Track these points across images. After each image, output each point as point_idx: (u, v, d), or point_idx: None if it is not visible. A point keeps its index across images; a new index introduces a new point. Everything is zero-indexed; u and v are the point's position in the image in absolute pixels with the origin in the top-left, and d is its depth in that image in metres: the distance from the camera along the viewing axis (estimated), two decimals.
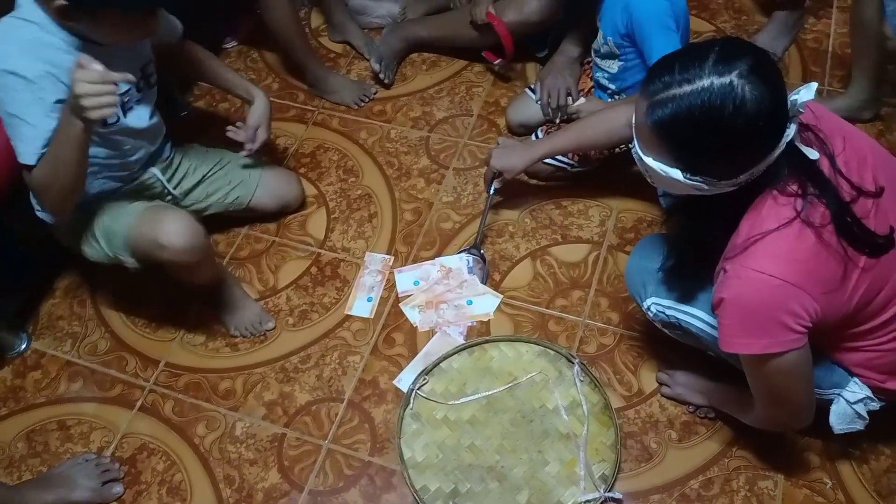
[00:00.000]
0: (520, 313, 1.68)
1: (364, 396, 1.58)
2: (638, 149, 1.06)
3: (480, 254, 1.75)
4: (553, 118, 1.88)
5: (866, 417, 1.24)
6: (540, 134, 1.87)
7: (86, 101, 1.18)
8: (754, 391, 1.20)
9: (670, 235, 1.38)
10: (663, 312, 1.33)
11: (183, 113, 2.12)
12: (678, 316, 1.31)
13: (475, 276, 1.72)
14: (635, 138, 1.07)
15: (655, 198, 1.59)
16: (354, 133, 2.08)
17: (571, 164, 1.81)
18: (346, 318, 1.70)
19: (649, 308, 1.35)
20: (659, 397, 1.54)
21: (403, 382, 1.57)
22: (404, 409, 1.52)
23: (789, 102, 0.97)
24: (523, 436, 1.48)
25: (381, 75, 2.13)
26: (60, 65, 1.29)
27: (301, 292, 1.76)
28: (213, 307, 1.70)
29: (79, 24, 1.31)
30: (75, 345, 1.71)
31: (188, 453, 1.53)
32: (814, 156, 1.03)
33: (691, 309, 1.29)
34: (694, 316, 1.29)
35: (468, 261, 1.74)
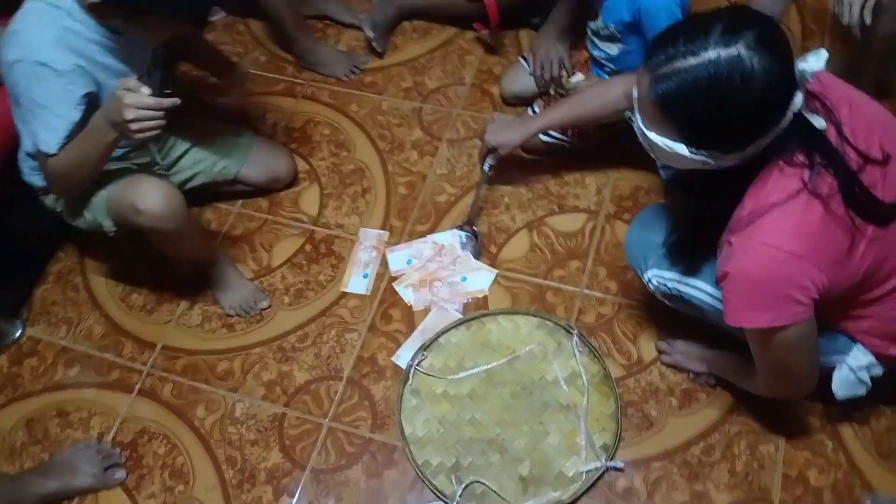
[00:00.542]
0: (517, 286, 1.71)
1: (363, 374, 1.62)
2: (640, 124, 1.06)
3: (473, 230, 1.77)
4: (547, 90, 1.89)
5: (869, 383, 1.27)
6: (536, 108, 1.88)
7: (134, 125, 1.26)
8: (758, 363, 1.23)
9: (672, 209, 1.40)
10: (665, 285, 1.35)
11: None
12: (680, 289, 1.33)
13: (468, 253, 1.75)
14: (638, 113, 1.06)
15: (654, 166, 1.61)
16: (345, 106, 2.09)
17: (570, 142, 1.83)
18: (343, 296, 1.73)
19: (650, 281, 1.37)
20: (659, 365, 1.57)
21: (402, 359, 1.61)
22: (404, 385, 1.56)
23: (797, 71, 0.97)
24: (523, 408, 1.52)
25: (375, 44, 2.13)
26: (90, 56, 1.37)
27: (296, 270, 1.79)
28: (208, 287, 1.74)
29: (113, 20, 1.35)
30: (70, 330, 1.74)
31: (189, 436, 1.57)
32: (821, 125, 1.03)
33: (695, 282, 1.31)
34: (697, 289, 1.31)
35: (461, 237, 1.76)
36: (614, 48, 1.74)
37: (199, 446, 1.56)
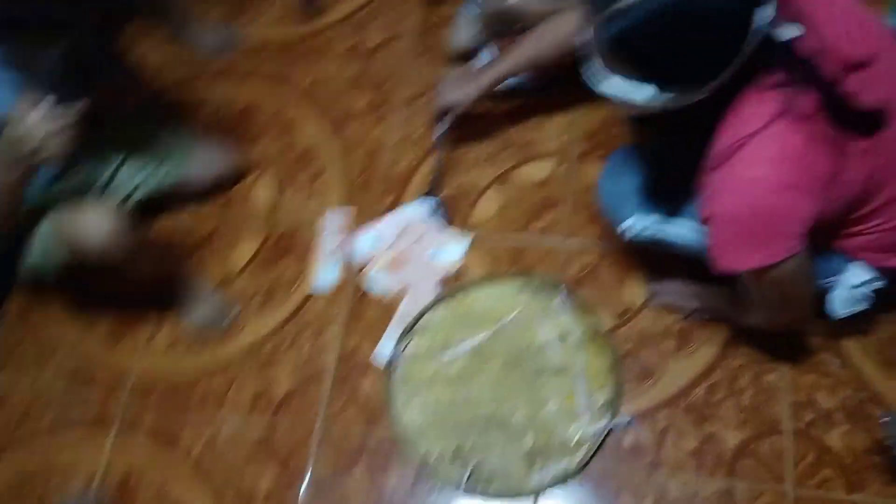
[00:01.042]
0: (494, 246, 1.68)
1: (349, 369, 1.61)
2: (597, 73, 1.00)
3: (437, 199, 1.73)
4: (497, 26, 1.80)
5: (872, 296, 1.25)
6: (486, 56, 1.80)
7: (41, 153, 1.16)
8: (754, 299, 1.20)
9: (643, 148, 1.35)
10: (644, 231, 1.32)
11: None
12: (663, 233, 1.30)
13: (438, 223, 1.71)
14: (592, 62, 1.00)
15: None
16: (284, 81, 2.01)
17: (526, 83, 1.76)
18: (314, 290, 1.70)
19: (626, 230, 1.34)
20: (650, 309, 1.56)
21: (385, 349, 1.59)
22: (391, 376, 1.55)
23: None
24: (518, 378, 1.51)
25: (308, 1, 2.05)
26: None
27: (261, 271, 1.75)
28: (172, 305, 1.70)
29: None
30: (40, 371, 1.72)
31: (178, 466, 1.57)
32: (795, 33, 0.97)
33: (678, 222, 1.28)
34: (681, 229, 1.28)
35: (426, 207, 1.72)
36: None
37: (191, 476, 1.56)
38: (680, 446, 1.43)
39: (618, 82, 0.99)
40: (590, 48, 1.00)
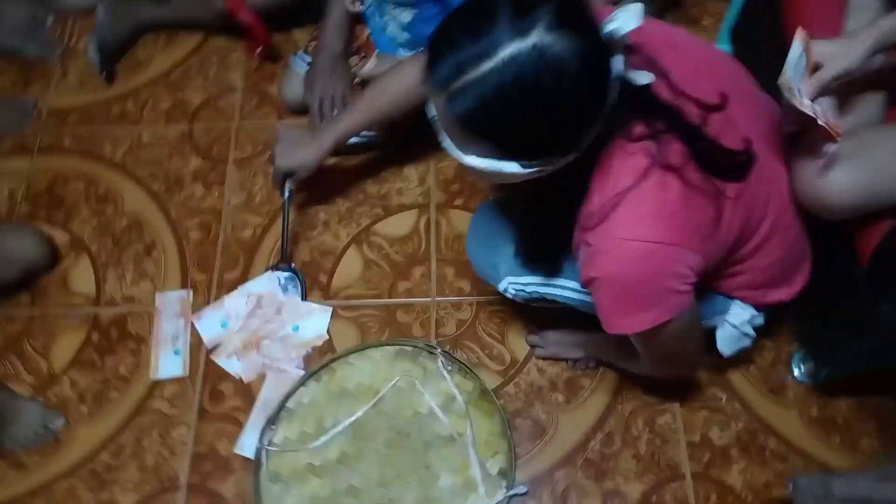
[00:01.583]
0: (361, 314, 1.60)
1: (206, 473, 1.45)
2: (454, 149, 0.94)
3: (291, 267, 1.63)
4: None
5: (754, 334, 1.29)
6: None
7: None
8: (644, 355, 1.20)
9: (508, 207, 1.33)
10: (523, 290, 1.30)
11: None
12: (542, 291, 1.28)
13: (293, 295, 1.60)
14: (446, 137, 0.94)
15: None
16: (96, 149, 1.86)
17: (375, 136, 1.72)
18: (156, 384, 1.54)
19: (507, 290, 1.31)
20: (535, 361, 1.53)
21: (247, 443, 1.45)
22: (258, 473, 1.40)
23: (607, 36, 0.88)
24: (405, 455, 1.42)
25: (102, 69, 1.92)
26: None
27: (87, 369, 1.56)
28: None
29: None
30: None
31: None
32: (647, 79, 0.96)
33: (558, 282, 1.25)
34: (562, 287, 1.26)
35: (279, 279, 1.62)
36: (408, 14, 1.63)
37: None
38: None
39: (476, 159, 0.93)
40: (438, 127, 0.94)
